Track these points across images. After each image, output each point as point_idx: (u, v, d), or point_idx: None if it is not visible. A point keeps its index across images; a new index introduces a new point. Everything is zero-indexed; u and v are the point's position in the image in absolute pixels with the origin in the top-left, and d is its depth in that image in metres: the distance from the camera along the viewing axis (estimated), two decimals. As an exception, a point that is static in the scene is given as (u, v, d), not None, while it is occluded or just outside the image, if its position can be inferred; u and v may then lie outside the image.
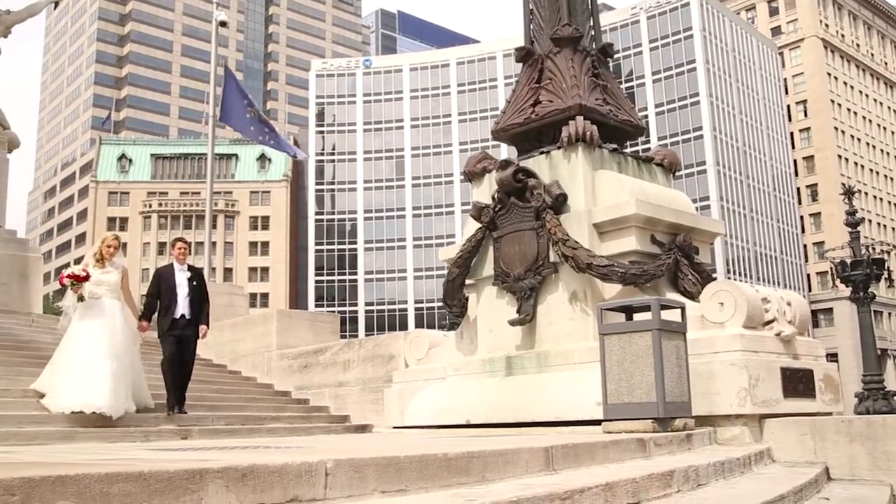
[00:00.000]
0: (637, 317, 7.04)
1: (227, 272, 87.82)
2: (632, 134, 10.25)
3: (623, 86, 77.52)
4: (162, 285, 9.48)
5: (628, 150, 9.93)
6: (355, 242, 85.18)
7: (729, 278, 63.16)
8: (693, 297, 8.26)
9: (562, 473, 4.32)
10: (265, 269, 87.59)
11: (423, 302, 80.00)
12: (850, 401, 29.28)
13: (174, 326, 9.32)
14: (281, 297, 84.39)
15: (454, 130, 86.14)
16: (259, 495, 2.90)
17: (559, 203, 8.95)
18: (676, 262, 8.56)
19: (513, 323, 9.01)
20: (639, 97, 78.02)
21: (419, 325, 70.03)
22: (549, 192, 8.98)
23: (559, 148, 9.27)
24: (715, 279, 8.50)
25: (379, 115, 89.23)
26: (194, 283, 9.56)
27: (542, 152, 9.52)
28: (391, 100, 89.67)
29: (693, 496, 4.56)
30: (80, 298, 8.55)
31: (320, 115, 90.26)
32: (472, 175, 10.22)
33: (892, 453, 6.41)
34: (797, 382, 7.60)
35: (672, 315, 6.91)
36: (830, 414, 7.79)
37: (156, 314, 9.67)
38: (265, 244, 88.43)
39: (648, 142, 71.55)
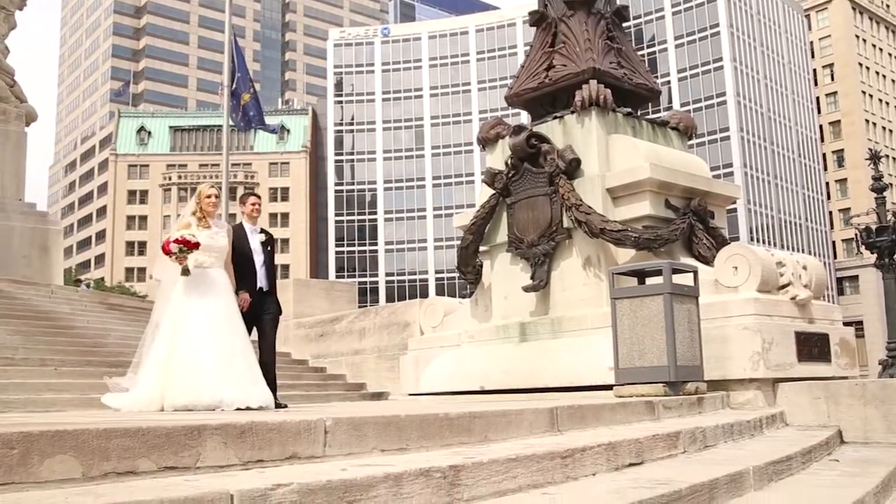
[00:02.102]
0: (649, 281, 7.00)
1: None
2: (647, 98, 10.15)
3: (645, 51, 77.26)
4: (235, 251, 7.49)
5: (647, 114, 9.84)
6: (375, 213, 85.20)
7: (753, 245, 62.59)
8: (708, 261, 8.20)
9: (567, 434, 4.33)
10: (285, 241, 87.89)
11: (443, 272, 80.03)
12: (874, 368, 29.09)
13: (257, 298, 7.57)
14: (302, 268, 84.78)
15: (474, 99, 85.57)
16: (257, 452, 2.93)
17: (572, 168, 8.88)
18: (691, 226, 8.50)
19: (526, 289, 9.00)
20: (661, 62, 76.97)
21: (440, 294, 70.12)
22: (563, 157, 8.92)
23: (572, 112, 9.19)
24: (730, 243, 8.41)
25: (398, 84, 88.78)
26: (268, 248, 7.81)
27: (555, 117, 9.44)
28: (410, 69, 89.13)
29: (699, 457, 4.56)
30: (185, 271, 6.57)
31: (339, 85, 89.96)
32: (486, 141, 10.17)
33: (906, 416, 6.37)
34: (812, 346, 7.55)
35: (684, 279, 6.87)
36: (846, 378, 7.73)
37: None
38: (285, 215, 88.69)
39: (671, 107, 70.67)
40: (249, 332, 7.24)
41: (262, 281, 7.62)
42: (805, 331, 7.54)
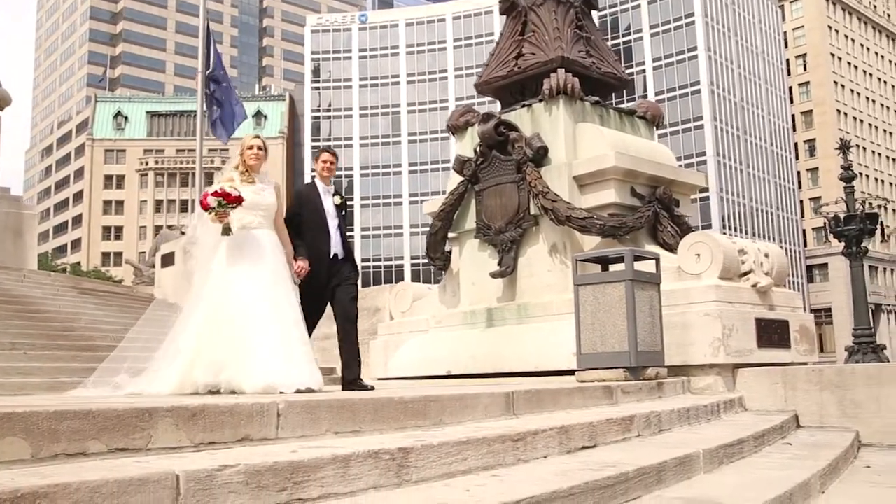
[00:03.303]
0: (613, 268, 7.09)
1: (225, 229, 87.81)
2: (615, 86, 10.22)
3: (620, 40, 77.59)
4: (306, 211, 6.69)
5: (620, 103, 9.92)
6: (351, 199, 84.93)
7: (725, 234, 63.25)
8: (672, 249, 8.31)
9: (522, 418, 4.40)
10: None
11: (419, 258, 79.97)
12: (842, 354, 29.52)
13: (332, 267, 6.73)
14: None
15: (450, 86, 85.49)
16: (209, 434, 2.97)
17: (540, 156, 8.95)
18: (656, 214, 8.60)
19: (494, 275, 9.08)
20: (636, 51, 77.29)
21: (415, 280, 70.23)
22: (530, 144, 8.99)
23: (541, 101, 9.26)
24: (694, 231, 8.53)
25: (375, 70, 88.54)
26: (342, 212, 6.96)
27: (523, 105, 9.51)
28: (387, 55, 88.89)
29: (653, 440, 4.65)
30: (227, 230, 5.68)
31: (316, 72, 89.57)
32: (456, 128, 10.21)
33: (860, 401, 6.52)
34: (772, 333, 7.68)
35: (647, 266, 6.96)
36: (805, 364, 7.87)
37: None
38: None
39: (646, 96, 70.99)
40: (323, 303, 6.57)
41: (336, 247, 6.74)
42: (765, 317, 7.66)
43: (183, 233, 28.69)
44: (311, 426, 3.36)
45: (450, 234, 9.93)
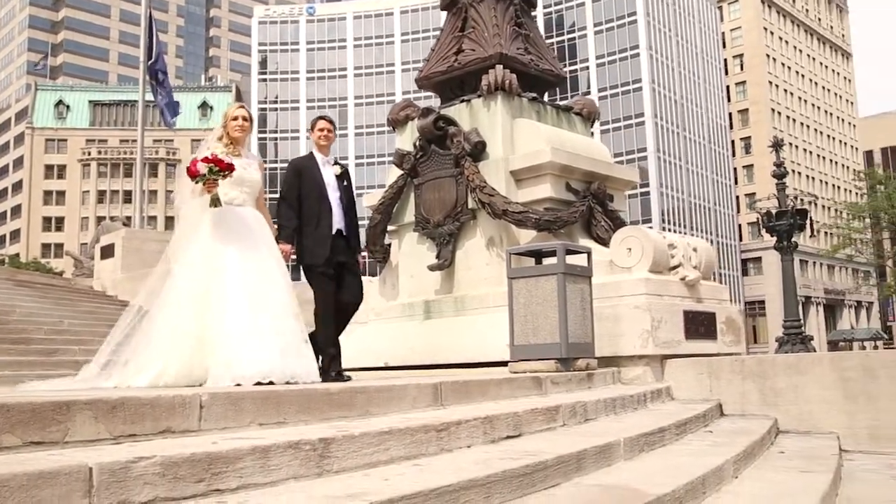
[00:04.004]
0: (546, 262, 7.22)
1: (169, 220, 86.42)
2: (553, 83, 10.37)
3: (565, 37, 78.33)
4: (304, 184, 6.21)
5: (563, 98, 10.07)
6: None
7: (664, 228, 64.42)
8: (606, 243, 8.47)
9: (449, 409, 4.48)
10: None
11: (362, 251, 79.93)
12: (774, 345, 30.35)
13: (334, 246, 6.23)
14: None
15: (397, 80, 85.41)
16: (129, 426, 2.98)
17: (478, 151, 9.05)
18: (590, 209, 8.76)
19: (432, 268, 9.16)
20: (580, 49, 78.15)
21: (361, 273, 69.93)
22: (469, 139, 9.07)
23: (479, 96, 9.35)
24: (627, 226, 8.72)
25: (322, 63, 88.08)
26: (345, 183, 6.43)
27: (463, 100, 9.58)
28: (335, 48, 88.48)
29: (577, 429, 4.78)
30: (215, 201, 5.20)
31: (263, 63, 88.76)
32: (396, 122, 10.25)
33: (780, 389, 6.76)
34: (699, 325, 7.91)
35: (579, 260, 7.10)
36: (731, 355, 8.12)
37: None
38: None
39: (588, 92, 71.89)
40: (336, 288, 6.17)
41: (339, 222, 6.22)
42: (693, 310, 7.88)
43: (125, 224, 28.04)
44: (234, 418, 3.39)
45: (389, 227, 9.98)
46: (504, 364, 7.31)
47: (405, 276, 9.74)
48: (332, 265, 6.18)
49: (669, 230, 65.50)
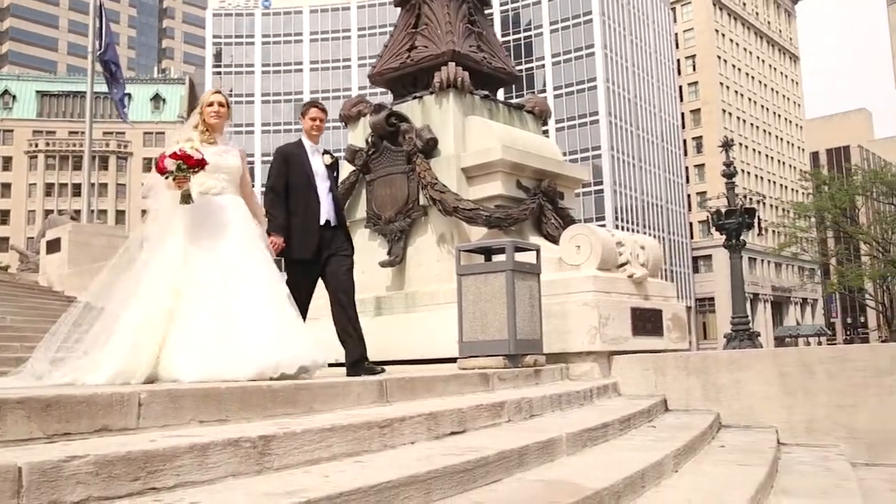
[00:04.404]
0: (495, 259, 7.26)
1: (120, 214, 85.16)
2: (505, 81, 10.43)
3: (521, 35, 78.69)
4: (292, 173, 6.04)
5: (520, 97, 10.11)
6: (253, 185, 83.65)
7: (617, 226, 65.24)
8: (555, 240, 8.55)
9: (395, 405, 4.49)
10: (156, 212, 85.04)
11: (319, 248, 79.45)
12: (723, 341, 30.88)
13: (323, 238, 6.08)
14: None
15: (354, 75, 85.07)
16: (64, 425, 2.93)
17: (430, 147, 9.06)
18: (540, 206, 8.84)
19: (383, 264, 9.15)
20: (536, 47, 78.69)
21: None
22: (421, 136, 9.08)
23: (431, 93, 9.36)
24: (577, 223, 8.81)
25: (278, 57, 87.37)
26: (334, 173, 6.31)
27: (415, 97, 9.59)
28: (290, 42, 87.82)
29: (522, 425, 4.82)
30: (186, 198, 4.95)
31: (218, 56, 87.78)
32: (348, 118, 10.21)
33: (722, 385, 6.89)
34: (646, 321, 8.02)
35: (528, 257, 7.15)
36: (677, 351, 8.25)
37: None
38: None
39: (544, 90, 72.46)
40: (313, 278, 6.03)
41: (328, 213, 6.03)
42: (640, 307, 7.99)
43: (73, 218, 27.57)
44: (174, 416, 3.35)
45: (340, 224, 9.93)
46: (454, 360, 7.34)
47: (356, 272, 9.67)
48: (320, 258, 6.01)
49: (623, 228, 66.48)
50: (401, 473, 3.03)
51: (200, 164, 4.91)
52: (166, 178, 4.90)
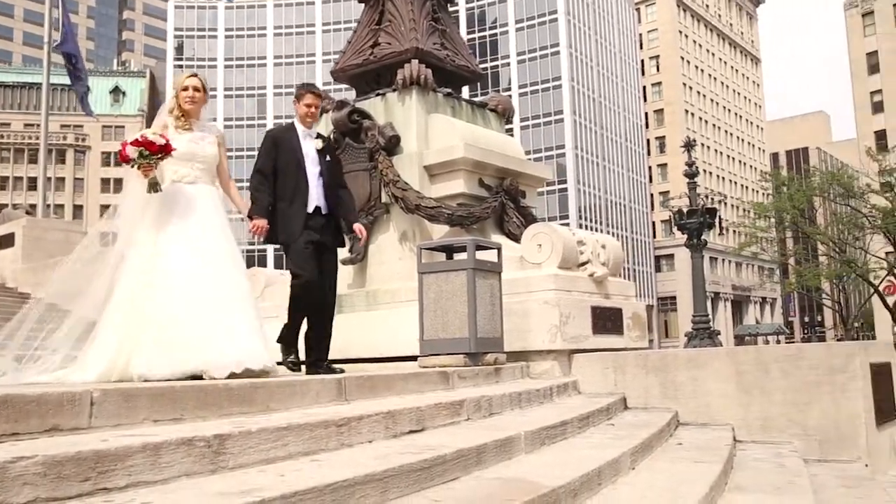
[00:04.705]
0: (457, 257, 7.27)
1: (77, 209, 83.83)
2: (469, 79, 10.44)
3: (487, 33, 78.84)
4: (281, 156, 5.82)
5: (486, 94, 10.13)
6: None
7: (580, 225, 65.76)
8: (517, 239, 8.58)
9: (353, 404, 4.47)
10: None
11: (282, 244, 78.89)
12: (684, 339, 31.24)
13: (310, 225, 5.83)
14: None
15: (318, 70, 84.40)
16: (13, 425, 2.87)
17: (392, 145, 9.04)
18: (503, 205, 8.87)
19: (344, 262, 9.08)
20: (501, 45, 78.92)
21: (279, 267, 69.31)
22: (383, 133, 9.06)
23: (394, 90, 9.34)
24: (539, 222, 8.84)
25: (241, 51, 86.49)
26: (327, 157, 6.02)
27: (378, 94, 9.56)
28: (254, 36, 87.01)
29: (481, 423, 4.83)
30: (153, 187, 4.85)
31: (179, 49, 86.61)
32: (310, 114, 10.14)
33: (680, 383, 6.97)
34: (606, 320, 8.08)
35: (489, 255, 7.17)
36: (637, 349, 8.33)
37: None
38: (119, 181, 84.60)
39: (509, 89, 72.74)
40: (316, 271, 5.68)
41: (317, 198, 5.76)
42: (601, 305, 8.06)
43: (29, 212, 26.99)
44: (128, 415, 3.31)
45: (302, 221, 9.88)
46: (415, 359, 7.34)
47: (318, 270, 9.66)
48: (310, 242, 5.72)
49: (586, 226, 67.04)
50: (357, 472, 3.02)
51: (164, 151, 4.79)
52: (132, 166, 4.80)
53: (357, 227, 6.10)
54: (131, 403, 3.33)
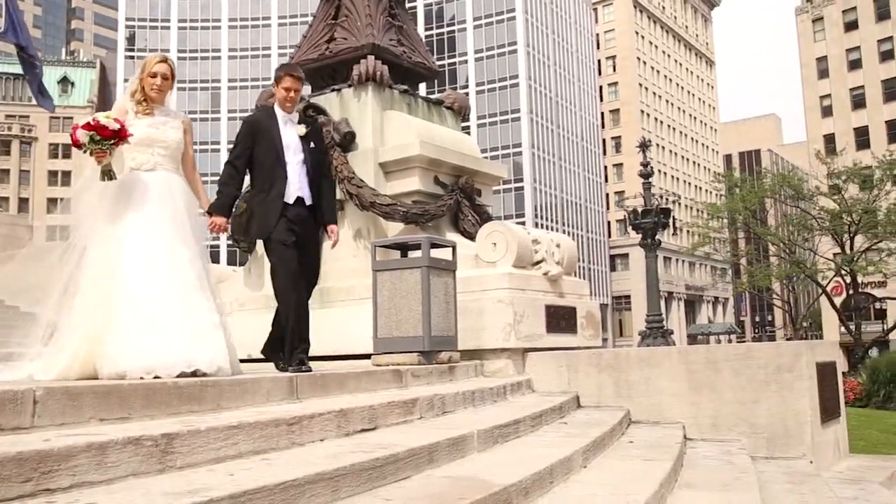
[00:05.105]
0: (412, 255, 7.25)
1: (23, 202, 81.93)
2: (424, 76, 10.42)
3: (445, 30, 78.83)
4: (259, 146, 5.49)
5: (443, 91, 10.10)
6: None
7: (536, 224, 66.19)
8: (472, 237, 8.59)
9: (305, 402, 4.44)
10: (67, 200, 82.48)
11: (236, 240, 78.04)
12: (637, 338, 31.60)
13: (289, 216, 5.49)
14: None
15: (273, 64, 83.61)
16: (-48, 424, 2.80)
17: (347, 141, 8.98)
18: (458, 203, 8.87)
19: (298, 259, 9.04)
20: (459, 42, 79.01)
21: (231, 262, 68.55)
22: (338, 129, 8.99)
23: (350, 86, 9.28)
24: (494, 220, 8.86)
25: (195, 43, 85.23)
26: (311, 144, 5.66)
27: (333, 90, 9.49)
28: (208, 28, 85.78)
29: (434, 422, 4.82)
30: (107, 174, 4.60)
31: (131, 40, 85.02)
32: (265, 109, 10.03)
33: (633, 382, 7.05)
34: (560, 319, 8.13)
35: (444, 254, 7.17)
36: (590, 348, 8.39)
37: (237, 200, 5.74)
38: (67, 174, 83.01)
39: (467, 86, 72.86)
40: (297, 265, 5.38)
41: (299, 189, 5.41)
42: (555, 304, 8.10)
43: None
44: (73, 414, 3.24)
45: (256, 216, 9.77)
46: (369, 357, 7.31)
47: (267, 269, 9.56)
48: (288, 235, 5.39)
49: (542, 225, 67.47)
50: (308, 471, 2.99)
51: (119, 137, 4.50)
52: (84, 151, 4.54)
53: (332, 228, 5.76)
54: (77, 402, 3.26)
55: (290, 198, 5.43)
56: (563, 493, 3.88)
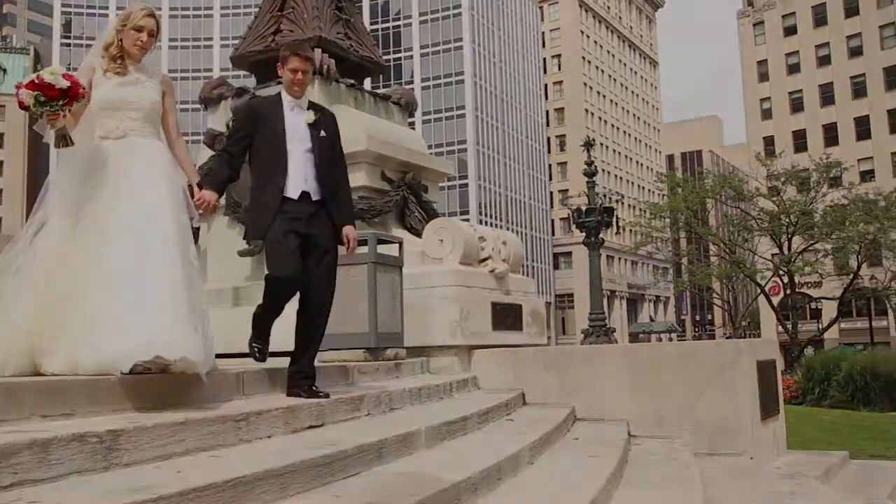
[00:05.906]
0: (358, 250, 7.20)
1: (-42, 189, 79.38)
2: (372, 70, 10.40)
3: (391, 24, 78.58)
4: (260, 134, 4.73)
5: (388, 86, 10.07)
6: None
7: (481, 221, 66.45)
8: (419, 233, 8.60)
9: (252, 398, 4.40)
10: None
11: (177, 233, 76.78)
12: (580, 336, 31.97)
13: (290, 214, 4.64)
14: (17, 221, 77.42)
15: (215, 55, 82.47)
16: None
17: (294, 135, 8.89)
18: (405, 199, 8.86)
19: (242, 254, 8.91)
20: (405, 37, 78.90)
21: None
22: (285, 123, 8.90)
23: (297, 79, 9.19)
24: (440, 217, 8.88)
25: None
26: (322, 133, 4.83)
27: (279, 82, 9.36)
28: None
29: (382, 419, 4.82)
30: (61, 139, 3.96)
31: (67, 27, 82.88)
32: (208, 101, 9.90)
33: (578, 380, 7.13)
34: (506, 316, 8.19)
35: (391, 250, 7.16)
36: (536, 346, 8.47)
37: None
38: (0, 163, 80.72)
39: (412, 82, 72.74)
40: (300, 267, 4.58)
41: (304, 182, 4.64)
42: (501, 301, 8.15)
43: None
44: (13, 410, 3.14)
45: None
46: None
47: (213, 261, 9.43)
48: (287, 234, 4.57)
49: (486, 223, 67.77)
50: (256, 468, 2.96)
51: (70, 95, 3.86)
52: (34, 114, 3.89)
53: (347, 230, 4.88)
54: (17, 398, 3.17)
55: (292, 192, 4.63)
56: (512, 490, 3.91)
